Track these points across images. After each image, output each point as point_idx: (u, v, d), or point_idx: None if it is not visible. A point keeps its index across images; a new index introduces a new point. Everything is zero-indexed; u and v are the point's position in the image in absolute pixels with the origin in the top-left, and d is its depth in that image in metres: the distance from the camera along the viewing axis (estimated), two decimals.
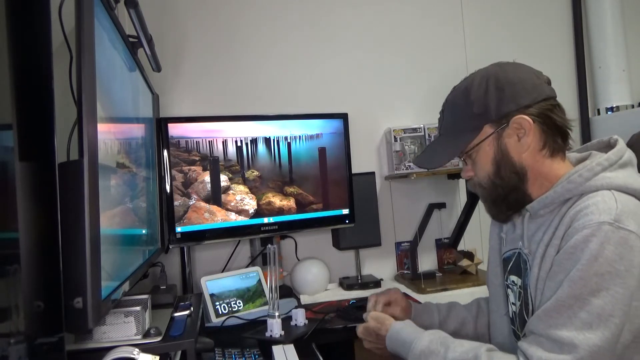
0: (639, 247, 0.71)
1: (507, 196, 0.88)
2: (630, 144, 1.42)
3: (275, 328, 1.22)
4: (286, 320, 1.34)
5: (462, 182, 1.96)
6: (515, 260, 0.93)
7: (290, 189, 1.68)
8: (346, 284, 1.75)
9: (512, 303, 0.94)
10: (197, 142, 1.57)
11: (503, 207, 0.90)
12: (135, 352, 0.79)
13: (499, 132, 0.85)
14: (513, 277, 0.94)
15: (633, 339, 0.74)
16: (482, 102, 0.86)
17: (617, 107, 2.02)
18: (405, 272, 1.90)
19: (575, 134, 2.12)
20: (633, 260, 0.70)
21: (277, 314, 1.23)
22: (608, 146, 0.89)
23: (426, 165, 0.98)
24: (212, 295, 1.46)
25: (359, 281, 1.76)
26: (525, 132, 0.83)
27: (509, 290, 0.96)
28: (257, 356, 1.13)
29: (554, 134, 0.85)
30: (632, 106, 2.01)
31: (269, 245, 1.28)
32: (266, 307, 1.50)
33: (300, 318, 1.34)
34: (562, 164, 0.87)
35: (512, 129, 0.84)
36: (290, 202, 1.68)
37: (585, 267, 0.71)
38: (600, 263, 0.70)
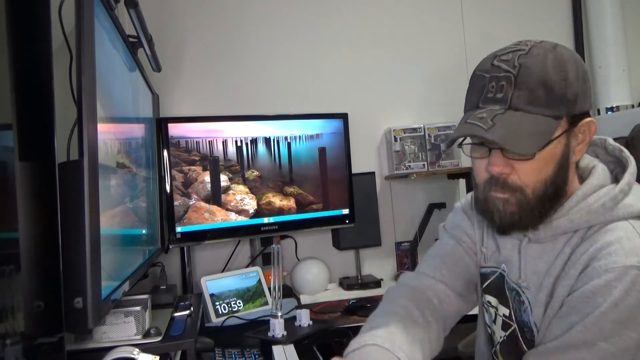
0: None
1: (543, 208, 0.72)
2: (631, 137, 1.41)
3: (277, 328, 1.22)
4: (290, 320, 1.34)
5: (462, 182, 1.96)
6: (495, 281, 0.84)
7: (290, 189, 1.68)
8: (346, 284, 1.75)
9: (488, 326, 0.88)
10: (197, 142, 1.57)
11: (533, 221, 0.73)
12: (135, 352, 0.79)
13: (569, 131, 0.71)
14: (489, 298, 0.86)
15: None
16: (576, 88, 0.69)
17: (617, 107, 2.02)
18: (406, 272, 1.90)
19: None
20: None
21: (279, 314, 1.23)
22: (605, 151, 0.80)
23: (512, 147, 0.66)
24: (212, 295, 1.46)
25: (359, 281, 1.76)
26: (585, 137, 0.72)
27: (485, 311, 0.88)
28: (257, 356, 1.13)
29: (589, 145, 0.75)
30: (632, 106, 2.01)
31: (273, 245, 1.28)
32: (266, 307, 1.51)
33: (304, 319, 1.33)
34: (574, 176, 0.75)
35: (580, 130, 0.72)
36: (290, 202, 1.68)
37: (604, 314, 0.64)
38: (620, 310, 0.64)
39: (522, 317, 0.78)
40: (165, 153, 1.53)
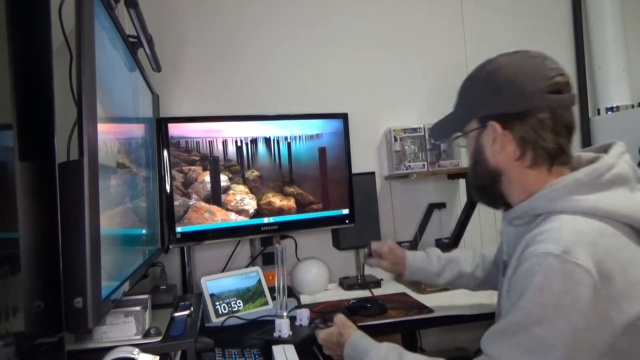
0: (586, 281, 0.67)
1: (483, 190, 0.91)
2: None
3: (284, 328, 1.22)
4: (290, 320, 1.34)
5: (462, 182, 1.96)
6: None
7: (290, 189, 1.68)
8: (346, 284, 1.75)
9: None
10: (197, 142, 1.57)
11: (483, 198, 0.94)
12: (135, 352, 0.79)
13: (480, 130, 0.86)
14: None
15: None
16: (477, 96, 0.87)
17: (617, 107, 2.02)
18: None
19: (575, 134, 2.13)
20: (578, 294, 0.67)
21: (285, 314, 1.23)
22: (580, 162, 0.85)
23: (432, 136, 1.03)
24: (212, 295, 1.46)
25: (359, 281, 1.76)
26: (497, 138, 0.83)
27: None
28: (257, 356, 1.13)
29: (536, 148, 0.81)
30: (632, 106, 2.01)
31: (277, 245, 1.27)
32: (266, 307, 1.51)
33: (304, 318, 1.33)
34: (543, 176, 0.82)
35: (489, 131, 0.84)
36: (290, 202, 1.68)
37: (531, 297, 0.70)
38: (544, 295, 0.69)
39: (499, 287, 0.91)
40: (165, 153, 1.53)
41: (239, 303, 1.50)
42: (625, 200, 0.75)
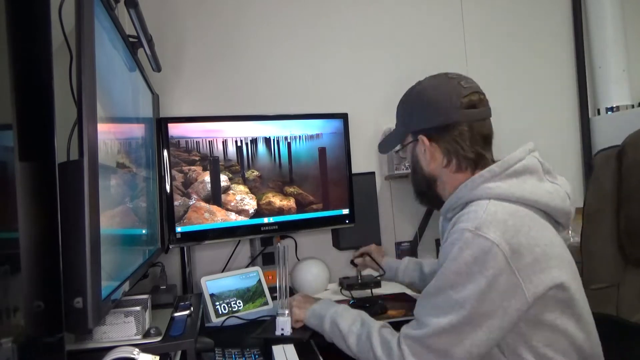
0: (494, 253, 0.79)
1: (423, 193, 1.06)
2: (625, 144, 1.44)
3: (287, 326, 1.21)
4: None
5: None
6: None
7: (290, 189, 1.68)
8: (346, 284, 1.75)
9: None
10: (197, 142, 1.57)
11: (424, 200, 1.08)
12: (135, 352, 0.79)
13: (413, 143, 1.01)
14: None
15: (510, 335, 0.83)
16: (409, 114, 1.02)
17: (617, 107, 2.02)
18: None
19: (575, 134, 2.13)
20: (485, 263, 0.80)
21: (287, 312, 1.22)
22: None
23: (379, 150, 1.17)
24: (212, 295, 1.46)
25: (359, 281, 1.76)
26: (427, 149, 0.98)
27: None
28: (257, 356, 1.13)
29: (459, 156, 0.95)
30: (632, 106, 2.01)
31: (278, 244, 1.27)
32: (266, 307, 1.51)
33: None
34: (469, 177, 0.94)
35: (420, 143, 0.99)
36: (290, 202, 1.68)
37: (447, 266, 0.84)
38: (458, 263, 0.82)
39: None
40: (165, 153, 1.53)
41: (239, 303, 1.50)
42: (533, 187, 0.88)
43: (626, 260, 1.44)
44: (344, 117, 1.76)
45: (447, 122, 0.94)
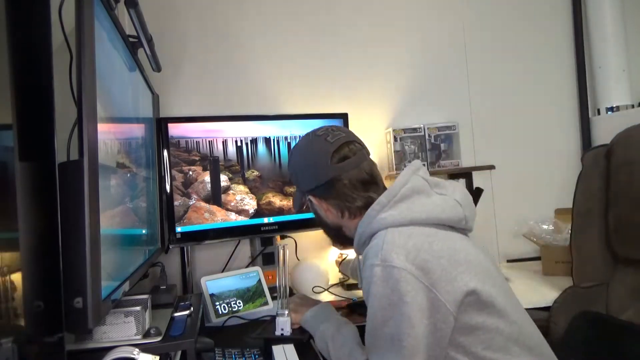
0: (404, 277, 0.82)
1: (336, 239, 1.12)
2: (613, 143, 1.44)
3: (286, 326, 1.20)
4: None
5: (462, 183, 1.96)
6: None
7: (291, 189, 1.68)
8: (346, 284, 1.75)
9: None
10: (197, 142, 1.57)
11: (338, 245, 1.15)
12: (135, 352, 0.79)
13: (309, 201, 1.06)
14: None
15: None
16: (294, 177, 1.08)
17: (617, 107, 2.02)
18: None
19: (575, 134, 2.13)
20: (401, 290, 0.82)
21: (287, 312, 1.22)
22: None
23: (293, 207, 1.22)
24: (212, 295, 1.46)
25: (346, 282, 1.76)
26: (319, 206, 1.03)
27: None
28: (257, 356, 1.13)
29: (350, 205, 0.99)
30: (632, 106, 2.01)
31: (278, 244, 1.28)
32: (266, 307, 1.50)
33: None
34: (354, 219, 1.00)
35: (313, 202, 1.04)
36: (290, 202, 1.68)
37: (372, 304, 0.86)
38: (379, 299, 0.84)
39: None
40: (165, 153, 1.53)
41: (239, 303, 1.50)
42: (422, 206, 0.92)
43: (615, 259, 1.45)
44: (344, 117, 1.76)
45: (325, 180, 0.99)
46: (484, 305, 0.85)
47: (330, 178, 0.98)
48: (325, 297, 1.66)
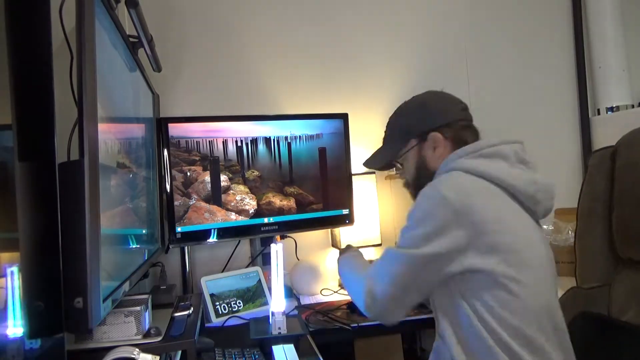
0: (444, 204, 0.90)
1: (421, 188, 1.09)
2: (618, 144, 1.44)
3: (283, 325, 1.19)
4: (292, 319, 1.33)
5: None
6: None
7: (290, 189, 1.68)
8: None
9: None
10: (197, 142, 1.57)
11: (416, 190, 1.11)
12: (135, 352, 0.79)
13: (420, 145, 1.10)
14: None
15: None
16: (409, 122, 1.13)
17: (617, 107, 2.02)
18: None
19: (575, 133, 2.13)
20: (437, 213, 0.91)
21: (282, 312, 1.19)
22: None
23: (369, 166, 1.25)
24: (212, 295, 1.46)
25: None
26: (438, 144, 1.07)
27: None
28: (257, 356, 1.13)
29: (460, 145, 1.05)
30: (632, 106, 2.01)
31: (272, 244, 1.25)
32: (266, 307, 1.51)
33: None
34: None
35: (429, 142, 1.08)
36: (290, 202, 1.68)
37: (410, 214, 0.97)
38: (417, 210, 0.95)
39: None
40: (166, 153, 1.53)
41: (239, 303, 1.50)
42: (500, 169, 0.97)
43: (618, 260, 1.45)
44: (344, 117, 1.76)
45: (454, 119, 1.07)
46: (495, 285, 0.89)
47: (458, 118, 1.08)
48: (326, 297, 1.66)
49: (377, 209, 1.82)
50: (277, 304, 1.21)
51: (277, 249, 1.24)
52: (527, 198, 0.97)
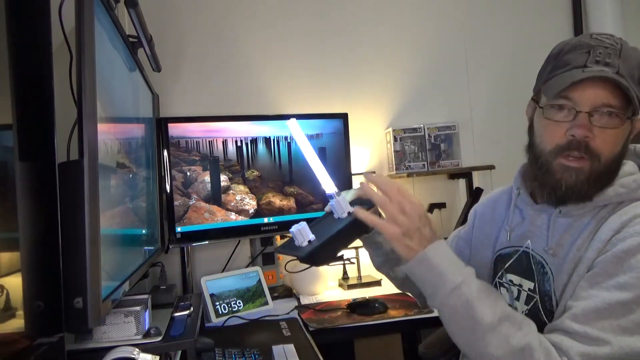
0: None
1: (607, 179, 0.78)
2: None
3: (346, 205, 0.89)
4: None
5: (462, 182, 1.96)
6: (518, 259, 0.88)
7: (290, 189, 1.68)
8: (346, 284, 1.75)
9: (509, 304, 0.84)
10: (197, 142, 1.57)
11: (595, 191, 0.78)
12: (135, 352, 0.79)
13: (635, 118, 0.78)
14: (512, 277, 0.90)
15: None
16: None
17: None
18: None
19: None
20: None
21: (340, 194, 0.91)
22: (633, 152, 0.85)
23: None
24: (212, 295, 1.46)
25: (359, 281, 1.76)
26: (635, 131, 0.79)
27: (503, 289, 0.91)
28: (257, 356, 1.13)
29: None
30: None
31: (287, 121, 0.95)
32: (266, 307, 1.51)
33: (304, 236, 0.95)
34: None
35: (636, 121, 0.79)
36: (290, 202, 1.68)
37: (638, 275, 0.68)
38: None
39: (544, 287, 0.82)
40: (165, 153, 1.53)
41: (239, 303, 1.50)
42: None
43: None
44: (344, 117, 1.76)
45: None
46: None
47: None
48: (326, 297, 1.66)
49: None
50: (327, 184, 0.93)
51: (292, 124, 0.96)
52: None
